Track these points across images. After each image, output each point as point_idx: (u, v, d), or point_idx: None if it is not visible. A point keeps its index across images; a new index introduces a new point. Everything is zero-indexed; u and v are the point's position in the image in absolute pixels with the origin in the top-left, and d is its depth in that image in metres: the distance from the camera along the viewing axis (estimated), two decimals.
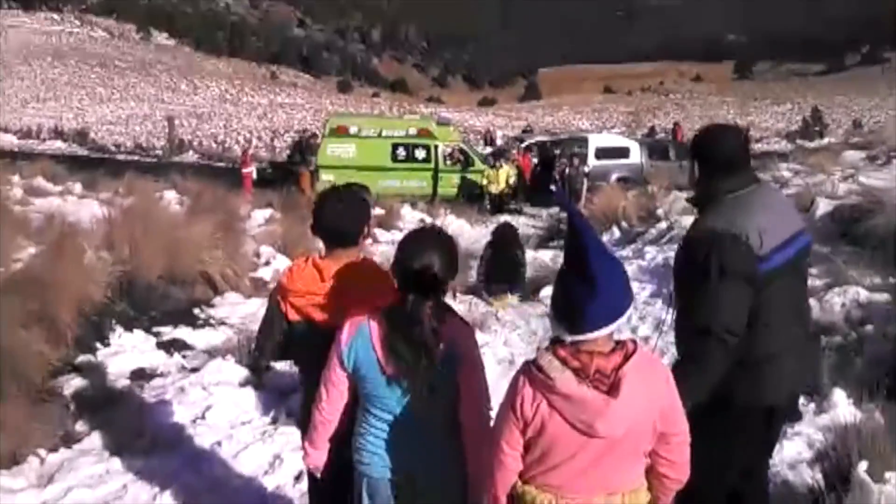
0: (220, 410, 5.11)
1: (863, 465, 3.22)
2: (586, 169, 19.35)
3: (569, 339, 2.00)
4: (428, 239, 2.46)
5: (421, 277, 2.33)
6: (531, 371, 2.04)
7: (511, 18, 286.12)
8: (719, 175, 2.76)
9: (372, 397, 2.42)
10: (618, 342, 2.05)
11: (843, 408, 4.37)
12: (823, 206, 9.24)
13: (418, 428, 2.40)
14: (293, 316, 2.78)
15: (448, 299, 2.59)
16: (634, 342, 2.06)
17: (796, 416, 3.14)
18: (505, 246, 9.29)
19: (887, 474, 3.27)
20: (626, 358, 2.01)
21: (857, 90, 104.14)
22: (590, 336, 1.97)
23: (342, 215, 2.77)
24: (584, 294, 1.95)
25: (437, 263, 2.36)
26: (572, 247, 2.05)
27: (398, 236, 14.50)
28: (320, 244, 2.88)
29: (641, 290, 8.14)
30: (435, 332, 2.32)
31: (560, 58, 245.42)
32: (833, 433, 4.04)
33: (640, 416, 2.01)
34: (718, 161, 2.78)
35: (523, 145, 24.29)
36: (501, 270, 8.98)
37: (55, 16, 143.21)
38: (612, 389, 1.96)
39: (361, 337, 2.38)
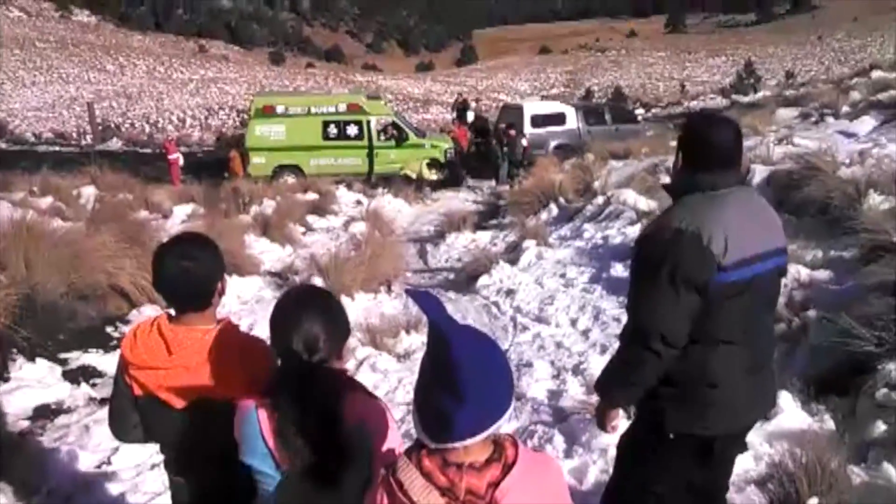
0: (128, 453, 4.64)
1: (813, 502, 2.96)
2: (524, 142, 18.97)
3: (433, 445, 1.60)
4: (304, 303, 2.03)
5: (304, 353, 1.93)
6: (390, 485, 1.62)
7: None
8: (699, 168, 2.47)
9: (269, 494, 2.01)
10: (496, 443, 1.62)
11: (790, 412, 4.13)
12: (760, 174, 9.09)
13: None
14: (138, 391, 2.28)
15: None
16: (515, 445, 1.63)
17: (741, 450, 2.84)
18: None
19: None
20: (506, 470, 1.59)
21: (788, 40, 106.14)
22: (457, 445, 1.57)
23: (189, 274, 2.22)
24: (451, 401, 1.53)
25: (322, 333, 1.96)
26: (436, 353, 1.59)
27: (334, 222, 14.05)
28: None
29: (580, 275, 7.86)
30: (332, 417, 1.91)
31: (493, 20, 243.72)
32: (782, 444, 3.80)
33: None
34: (701, 152, 2.48)
35: None
36: None
37: None
38: None
39: (249, 425, 1.96)
